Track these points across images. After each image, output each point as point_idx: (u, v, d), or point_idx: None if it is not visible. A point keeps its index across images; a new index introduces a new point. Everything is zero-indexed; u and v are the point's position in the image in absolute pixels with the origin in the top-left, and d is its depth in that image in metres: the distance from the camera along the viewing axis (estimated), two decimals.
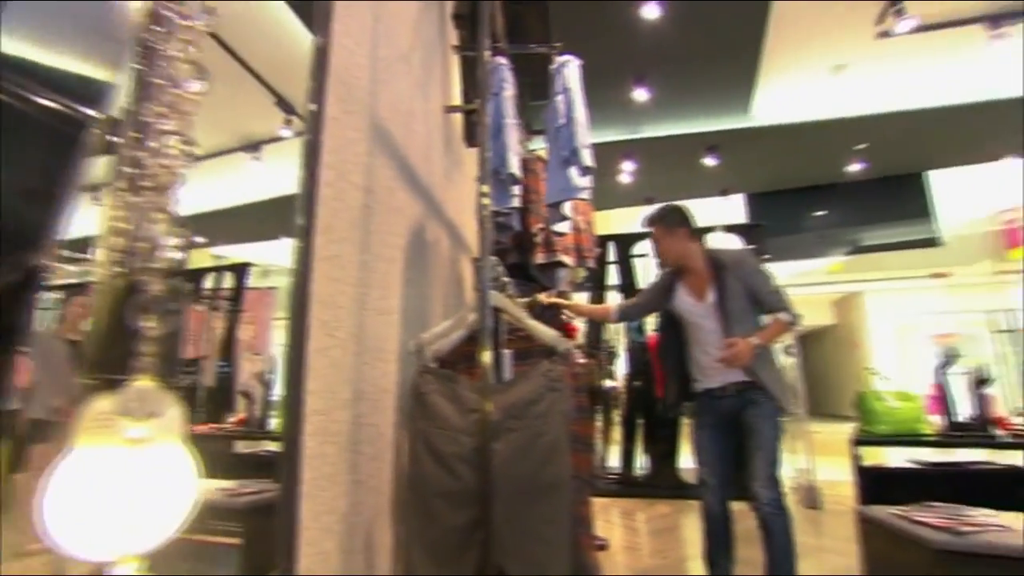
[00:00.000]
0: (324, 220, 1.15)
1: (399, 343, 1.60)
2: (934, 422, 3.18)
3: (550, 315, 2.37)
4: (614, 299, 5.95)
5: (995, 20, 4.25)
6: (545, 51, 2.02)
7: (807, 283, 11.03)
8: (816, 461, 5.07)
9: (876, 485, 3.13)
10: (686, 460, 5.43)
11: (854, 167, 6.82)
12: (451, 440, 1.18)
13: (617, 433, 5.99)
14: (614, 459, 5.80)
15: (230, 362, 1.48)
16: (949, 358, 3.27)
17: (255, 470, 1.28)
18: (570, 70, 1.73)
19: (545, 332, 1.26)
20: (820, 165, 6.78)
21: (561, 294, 3.79)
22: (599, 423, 5.81)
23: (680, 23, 4.13)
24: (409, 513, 1.22)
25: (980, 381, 3.05)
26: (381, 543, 1.42)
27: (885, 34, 4.38)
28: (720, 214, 7.13)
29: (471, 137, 2.13)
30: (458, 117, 2.57)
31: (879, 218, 7.51)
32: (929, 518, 2.23)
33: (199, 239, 1.45)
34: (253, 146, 1.48)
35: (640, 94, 4.91)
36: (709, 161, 6.09)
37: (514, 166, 1.45)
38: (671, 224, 2.24)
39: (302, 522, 0.98)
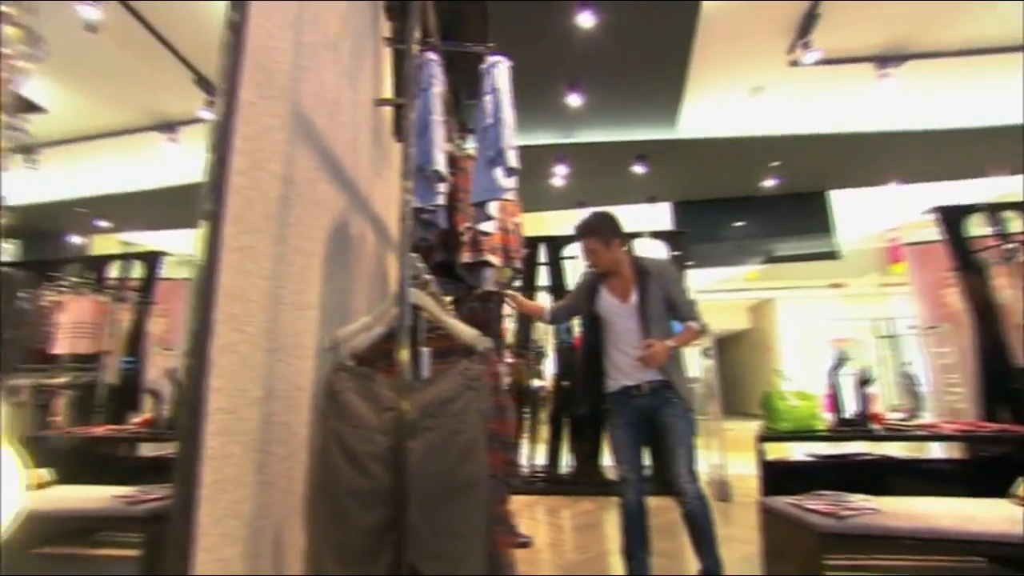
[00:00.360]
0: (235, 209, 1.10)
1: (317, 339, 1.55)
2: (827, 419, 3.48)
3: (493, 307, 2.40)
4: (544, 300, 6.06)
5: (882, 61, 4.76)
6: (477, 50, 2.03)
7: (726, 289, 11.75)
8: (728, 457, 5.38)
9: (777, 477, 3.38)
10: (609, 458, 5.63)
11: (769, 182, 7.34)
12: (365, 439, 1.16)
13: (545, 432, 6.09)
14: (541, 457, 5.89)
15: (138, 358, 1.38)
16: (840, 361, 3.59)
17: (161, 474, 1.20)
18: (500, 71, 1.74)
19: (464, 331, 1.26)
20: (739, 179, 7.25)
21: (488, 294, 3.81)
22: (527, 422, 5.89)
23: (614, 35, 4.27)
24: (318, 514, 1.18)
25: (863, 381, 3.37)
26: (291, 546, 1.37)
27: (795, 63, 4.77)
28: (647, 220, 7.45)
29: (401, 132, 2.10)
30: (389, 111, 2.52)
31: (789, 231, 8.13)
32: (817, 505, 2.45)
33: (103, 223, 1.33)
34: (170, 126, 1.38)
35: (574, 99, 5.02)
36: (638, 169, 6.34)
37: (439, 163, 1.44)
38: (608, 237, 2.34)
39: (199, 527, 0.93)
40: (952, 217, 4.82)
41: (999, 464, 3.15)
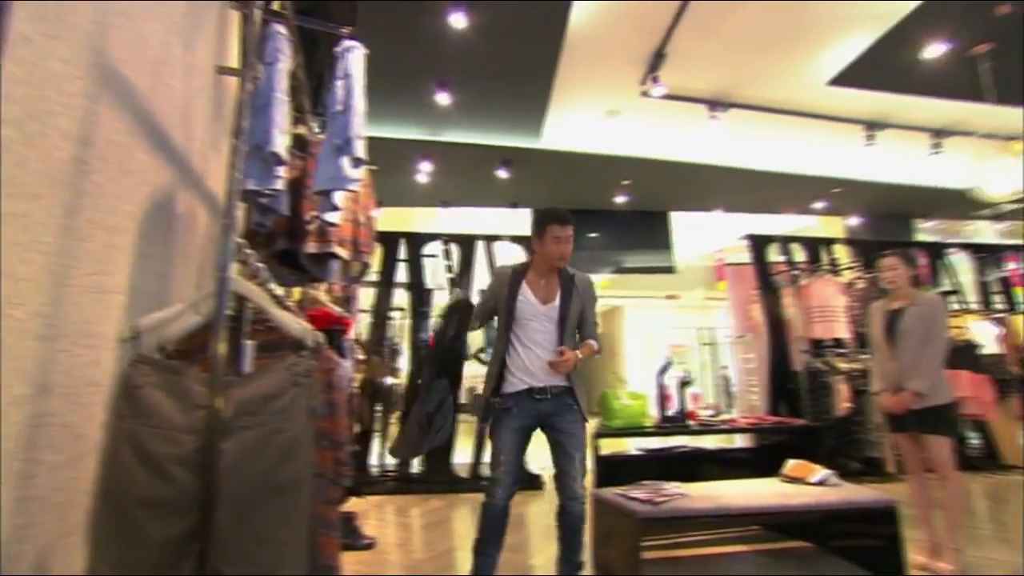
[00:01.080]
0: None
1: (122, 328, 1.35)
2: (654, 416, 3.89)
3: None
4: (402, 297, 5.94)
5: (712, 105, 5.49)
6: (334, 32, 1.92)
7: None
8: None
9: (610, 470, 3.69)
10: (459, 456, 5.69)
11: (620, 199, 7.99)
12: (167, 440, 1.03)
13: (396, 430, 5.97)
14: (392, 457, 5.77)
15: None
16: (666, 365, 4.02)
17: None
18: (355, 56, 1.66)
19: (293, 324, 1.18)
20: (595, 192, 7.79)
21: (344, 287, 3.64)
22: (379, 419, 5.72)
23: (486, 41, 4.35)
24: (102, 529, 1.02)
25: (684, 383, 3.82)
26: (67, 571, 1.17)
27: (646, 94, 5.29)
28: (509, 225, 7.70)
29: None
30: (235, 82, 2.29)
31: (636, 245, 8.91)
32: (638, 494, 2.72)
33: None
34: None
35: (443, 98, 5.01)
36: (502, 173, 6.51)
37: (278, 145, 1.33)
38: (574, 236, 2.47)
39: None
40: (758, 244, 5.73)
41: (777, 449, 3.77)
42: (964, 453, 5.69)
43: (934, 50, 4.40)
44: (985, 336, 5.86)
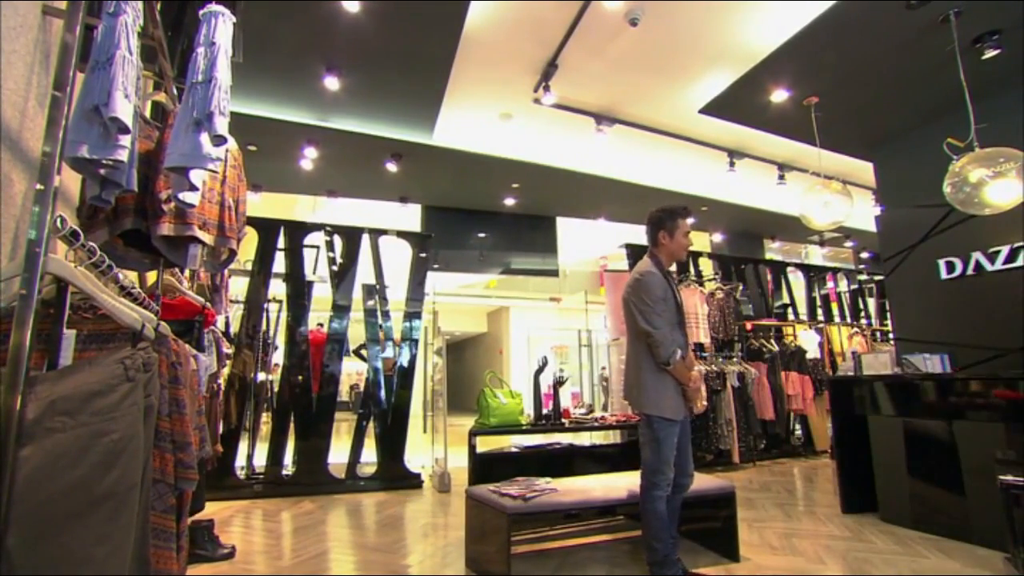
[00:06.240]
0: None
1: None
2: (530, 414, 4.01)
3: None
4: (279, 287, 5.56)
5: (598, 119, 5.82)
6: None
7: (468, 295, 12.68)
8: (452, 451, 5.75)
9: (484, 467, 3.75)
10: (335, 456, 5.45)
11: (509, 201, 8.15)
12: None
13: (267, 429, 5.58)
14: (261, 457, 5.38)
15: None
16: (542, 365, 4.17)
17: None
18: (221, 23, 1.51)
19: (127, 313, 1.05)
20: (485, 193, 7.86)
21: (212, 275, 3.32)
22: (249, 417, 5.31)
23: (380, 26, 4.20)
24: None
25: (559, 383, 3.99)
26: None
27: (537, 101, 5.45)
28: (397, 219, 7.53)
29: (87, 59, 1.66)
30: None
31: (523, 247, 9.13)
32: (510, 490, 2.78)
33: None
34: None
35: (332, 82, 4.76)
36: (391, 167, 6.33)
37: (120, 110, 1.16)
38: None
39: None
40: (635, 254, 6.17)
41: None
42: (790, 442, 6.61)
43: (779, 95, 5.06)
44: (810, 343, 6.85)
